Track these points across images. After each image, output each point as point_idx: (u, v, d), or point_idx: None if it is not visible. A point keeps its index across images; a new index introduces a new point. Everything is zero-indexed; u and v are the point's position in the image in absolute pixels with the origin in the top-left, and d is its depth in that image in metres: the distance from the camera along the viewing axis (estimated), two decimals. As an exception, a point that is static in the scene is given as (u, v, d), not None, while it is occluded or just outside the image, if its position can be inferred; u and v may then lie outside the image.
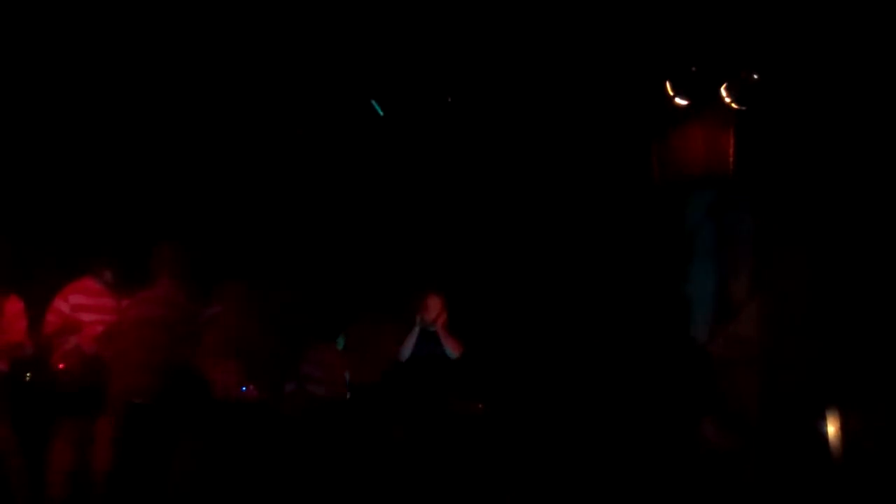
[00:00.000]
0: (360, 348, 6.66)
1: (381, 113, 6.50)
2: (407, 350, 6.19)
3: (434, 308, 6.26)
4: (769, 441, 5.65)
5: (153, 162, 6.75)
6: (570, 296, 6.79)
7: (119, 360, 5.54)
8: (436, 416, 6.11)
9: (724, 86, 5.77)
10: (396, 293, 6.73)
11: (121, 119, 6.52)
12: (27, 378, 5.89)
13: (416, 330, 6.23)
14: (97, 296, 5.69)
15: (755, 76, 5.68)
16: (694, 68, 5.87)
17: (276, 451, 5.80)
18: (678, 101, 5.96)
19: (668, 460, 5.86)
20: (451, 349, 6.22)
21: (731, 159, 5.93)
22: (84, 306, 5.65)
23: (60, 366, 5.58)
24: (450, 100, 6.42)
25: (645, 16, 5.60)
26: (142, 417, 5.41)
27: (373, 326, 6.64)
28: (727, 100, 5.78)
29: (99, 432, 5.49)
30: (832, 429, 5.41)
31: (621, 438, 6.17)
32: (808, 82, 5.57)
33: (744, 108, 5.78)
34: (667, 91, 5.95)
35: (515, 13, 5.68)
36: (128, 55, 6.01)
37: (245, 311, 6.25)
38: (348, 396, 6.59)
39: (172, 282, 5.65)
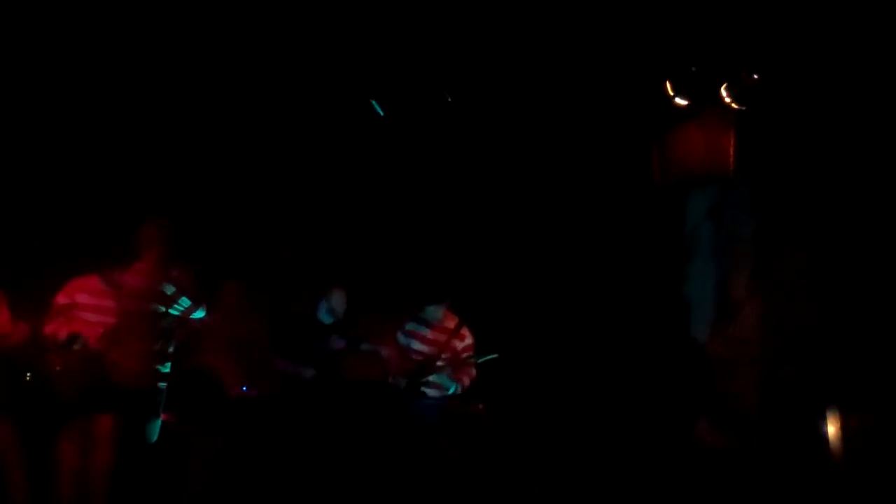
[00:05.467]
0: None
1: (381, 113, 6.49)
2: None
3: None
4: (769, 441, 5.65)
5: (155, 162, 6.75)
6: (570, 296, 6.79)
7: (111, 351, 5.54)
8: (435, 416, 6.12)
9: (724, 86, 5.77)
10: (395, 293, 6.72)
11: (124, 121, 6.52)
12: (27, 378, 5.89)
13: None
14: (100, 296, 5.67)
15: (755, 76, 5.68)
16: (694, 68, 5.87)
17: (279, 449, 5.81)
18: (678, 101, 5.96)
19: (667, 460, 5.86)
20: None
21: (731, 159, 5.93)
22: (87, 306, 5.63)
23: (57, 367, 5.57)
24: (450, 100, 6.42)
25: (645, 16, 5.61)
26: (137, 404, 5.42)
27: (372, 325, 6.61)
28: (727, 100, 5.79)
29: (101, 431, 5.48)
30: (832, 429, 5.41)
31: (621, 438, 6.17)
32: (808, 82, 5.57)
33: (744, 108, 5.78)
34: (667, 91, 5.95)
35: (515, 13, 5.69)
36: (130, 59, 6.02)
37: (245, 312, 6.25)
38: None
39: (155, 263, 5.57)
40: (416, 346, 6.19)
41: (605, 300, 6.62)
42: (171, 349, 5.60)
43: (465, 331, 6.17)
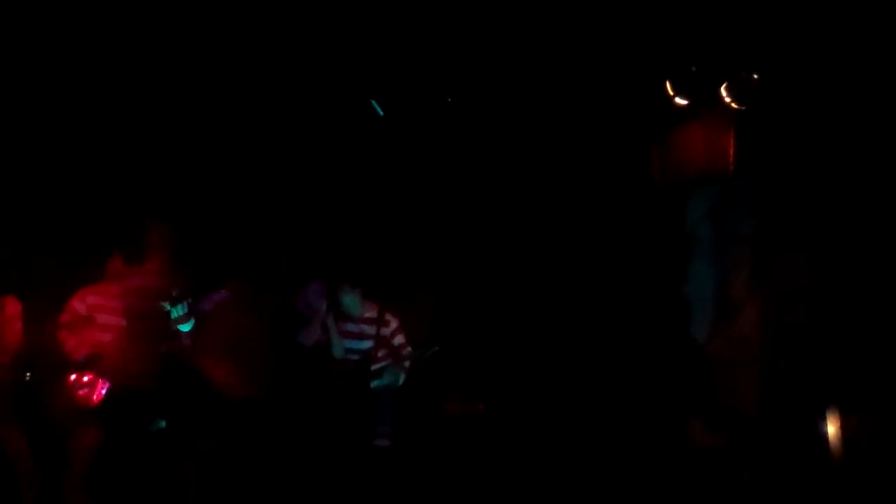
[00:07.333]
0: None
1: (381, 113, 6.50)
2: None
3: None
4: (769, 441, 5.66)
5: (155, 162, 6.76)
6: (570, 296, 6.79)
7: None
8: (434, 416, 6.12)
9: (724, 86, 5.78)
10: (393, 292, 6.72)
11: (124, 122, 6.53)
12: (27, 378, 5.91)
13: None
14: (112, 298, 5.71)
15: (755, 76, 5.69)
16: (694, 68, 5.88)
17: (277, 448, 5.81)
18: (678, 101, 5.97)
19: (667, 460, 5.87)
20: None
21: (731, 159, 5.95)
22: (100, 306, 5.67)
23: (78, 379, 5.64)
24: (450, 100, 6.42)
25: (645, 16, 5.61)
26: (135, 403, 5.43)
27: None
28: (727, 100, 5.80)
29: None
30: (832, 429, 5.41)
31: (621, 438, 6.18)
32: (808, 82, 5.58)
33: (744, 108, 5.79)
34: (667, 91, 5.96)
35: (515, 13, 5.69)
36: (134, 62, 6.04)
37: (245, 311, 6.25)
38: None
39: (160, 264, 5.59)
40: (348, 343, 6.04)
41: (605, 300, 6.62)
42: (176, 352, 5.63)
43: (388, 315, 6.00)
